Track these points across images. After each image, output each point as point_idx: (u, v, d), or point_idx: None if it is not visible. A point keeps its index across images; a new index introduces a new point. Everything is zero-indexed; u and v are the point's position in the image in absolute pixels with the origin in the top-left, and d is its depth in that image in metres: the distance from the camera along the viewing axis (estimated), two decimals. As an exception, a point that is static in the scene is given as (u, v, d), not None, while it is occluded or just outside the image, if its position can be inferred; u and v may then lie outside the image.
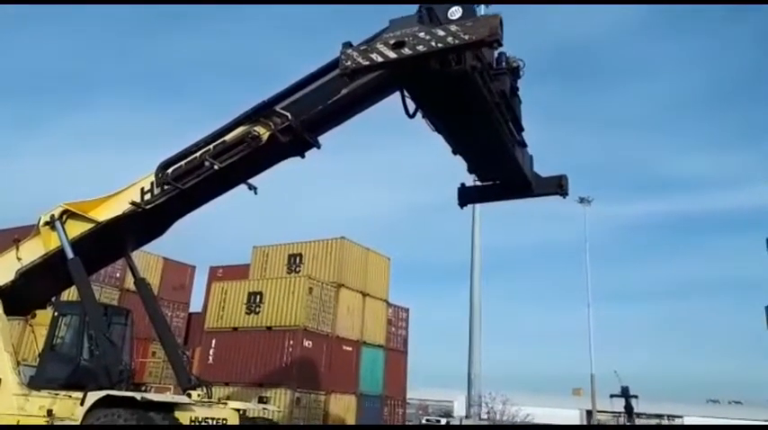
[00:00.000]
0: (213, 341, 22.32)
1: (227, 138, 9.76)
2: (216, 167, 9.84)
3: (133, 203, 10.58)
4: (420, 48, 5.85)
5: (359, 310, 23.70)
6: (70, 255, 10.92)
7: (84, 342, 11.64)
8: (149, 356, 25.21)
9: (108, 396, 9.93)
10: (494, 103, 6.99)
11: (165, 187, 10.40)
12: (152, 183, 10.57)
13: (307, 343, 20.94)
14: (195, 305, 30.15)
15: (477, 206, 21.44)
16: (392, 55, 5.97)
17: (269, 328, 21.42)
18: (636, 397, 53.53)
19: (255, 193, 10.60)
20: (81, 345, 11.66)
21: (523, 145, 8.21)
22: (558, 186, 8.82)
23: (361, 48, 6.26)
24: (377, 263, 25.40)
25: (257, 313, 21.95)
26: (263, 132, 9.47)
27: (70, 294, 14.47)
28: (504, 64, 7.16)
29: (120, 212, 10.76)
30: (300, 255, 24.31)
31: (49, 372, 11.50)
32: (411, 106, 7.35)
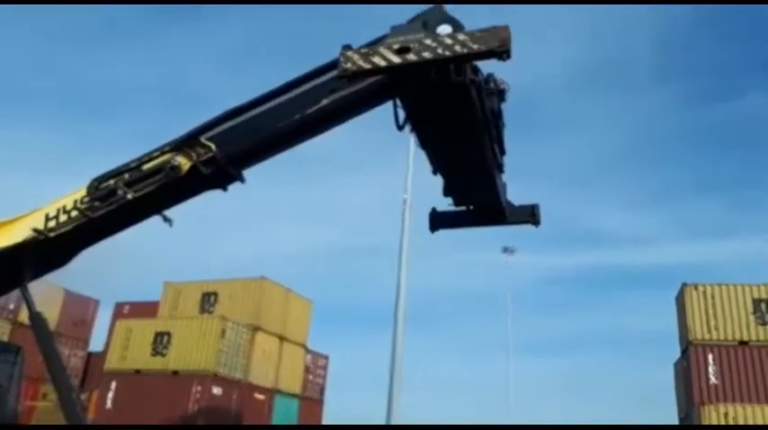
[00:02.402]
0: (113, 384, 20.79)
1: (145, 166, 9.06)
2: (129, 197, 9.11)
3: (35, 230, 9.63)
4: (426, 54, 5.60)
5: (275, 356, 22.77)
6: (-44, 283, 9.80)
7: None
8: (40, 399, 23.18)
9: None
10: (484, 121, 6.78)
11: (73, 214, 9.55)
12: (58, 210, 9.70)
13: (216, 390, 19.81)
14: (96, 343, 28.31)
15: (404, 248, 21.27)
16: (396, 60, 5.69)
17: (175, 373, 20.17)
18: (547, 450, 54.17)
19: (171, 226, 9.90)
20: (-41, 386, 10.39)
21: (501, 170, 8.03)
22: (530, 215, 8.70)
23: (363, 51, 5.95)
24: (298, 305, 24.61)
25: (164, 355, 20.68)
26: (183, 163, 8.85)
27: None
28: (492, 85, 6.98)
29: (20, 239, 9.78)
30: (216, 293, 23.26)
31: None
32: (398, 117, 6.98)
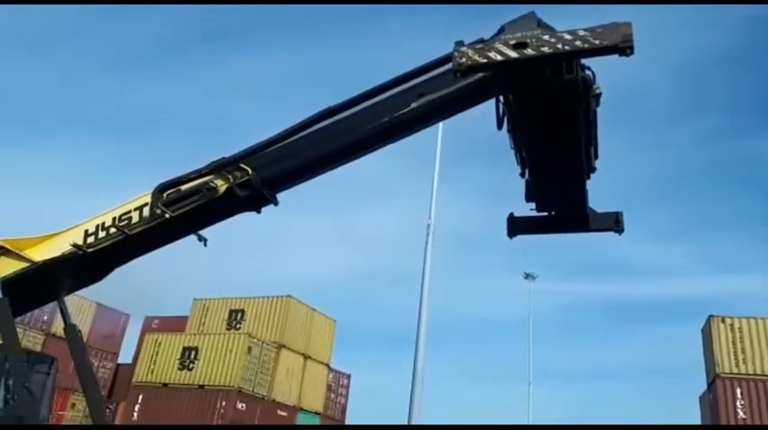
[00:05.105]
0: (140, 396, 21.18)
1: (183, 187, 9.43)
2: (167, 216, 9.46)
3: (75, 245, 10.01)
4: (545, 49, 5.59)
5: (298, 373, 22.98)
6: (-2, 294, 10.22)
7: (1, 390, 10.78)
8: (68, 408, 23.66)
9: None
10: (586, 122, 6.72)
11: (111, 231, 9.94)
12: (97, 226, 10.10)
13: (240, 405, 20.05)
14: (125, 356, 28.83)
15: (427, 272, 21.25)
16: (513, 54, 5.69)
17: (201, 387, 20.49)
18: (569, 480, 53.07)
19: (205, 245, 10.21)
20: (-4, 393, 10.78)
21: (589, 175, 7.69)
22: (614, 222, 8.37)
23: (477, 47, 5.96)
24: (322, 324, 24.85)
25: (191, 370, 21.02)
26: (220, 184, 9.18)
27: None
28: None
29: (59, 253, 10.18)
30: (243, 310, 23.62)
31: (-46, 421, 10.55)
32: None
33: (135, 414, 20.84)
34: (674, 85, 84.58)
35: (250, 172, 8.83)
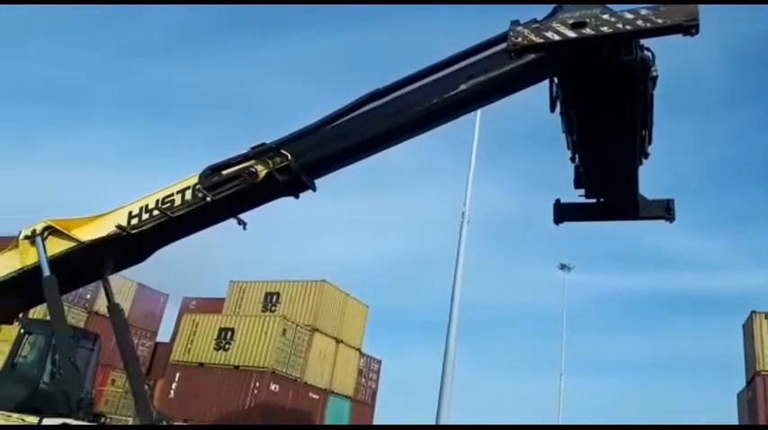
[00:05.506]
0: (177, 375, 21.70)
1: (224, 171, 9.63)
2: (208, 199, 9.69)
3: (119, 227, 10.33)
4: (605, 29, 5.42)
5: (331, 357, 23.30)
6: (46, 272, 10.59)
7: (48, 364, 11.21)
8: (108, 384, 24.41)
9: (65, 424, 9.52)
10: (643, 104, 6.49)
11: (154, 213, 10.22)
12: (141, 209, 10.40)
13: (273, 386, 20.43)
14: (163, 335, 29.53)
15: (461, 260, 21.12)
16: (571, 34, 5.56)
17: (236, 367, 20.91)
18: (599, 473, 52.39)
19: (245, 229, 10.44)
20: (43, 367, 11.21)
21: (642, 160, 7.48)
22: (665, 210, 8.24)
23: (534, 26, 5.85)
24: (355, 309, 25.11)
25: (226, 350, 21.46)
26: (260, 170, 9.37)
27: (35, 312, 14.02)
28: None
29: (104, 234, 10.51)
30: (278, 293, 23.98)
31: (4, 391, 11.01)
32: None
33: (172, 392, 21.38)
34: (725, 72, 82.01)
35: (289, 157, 8.95)
